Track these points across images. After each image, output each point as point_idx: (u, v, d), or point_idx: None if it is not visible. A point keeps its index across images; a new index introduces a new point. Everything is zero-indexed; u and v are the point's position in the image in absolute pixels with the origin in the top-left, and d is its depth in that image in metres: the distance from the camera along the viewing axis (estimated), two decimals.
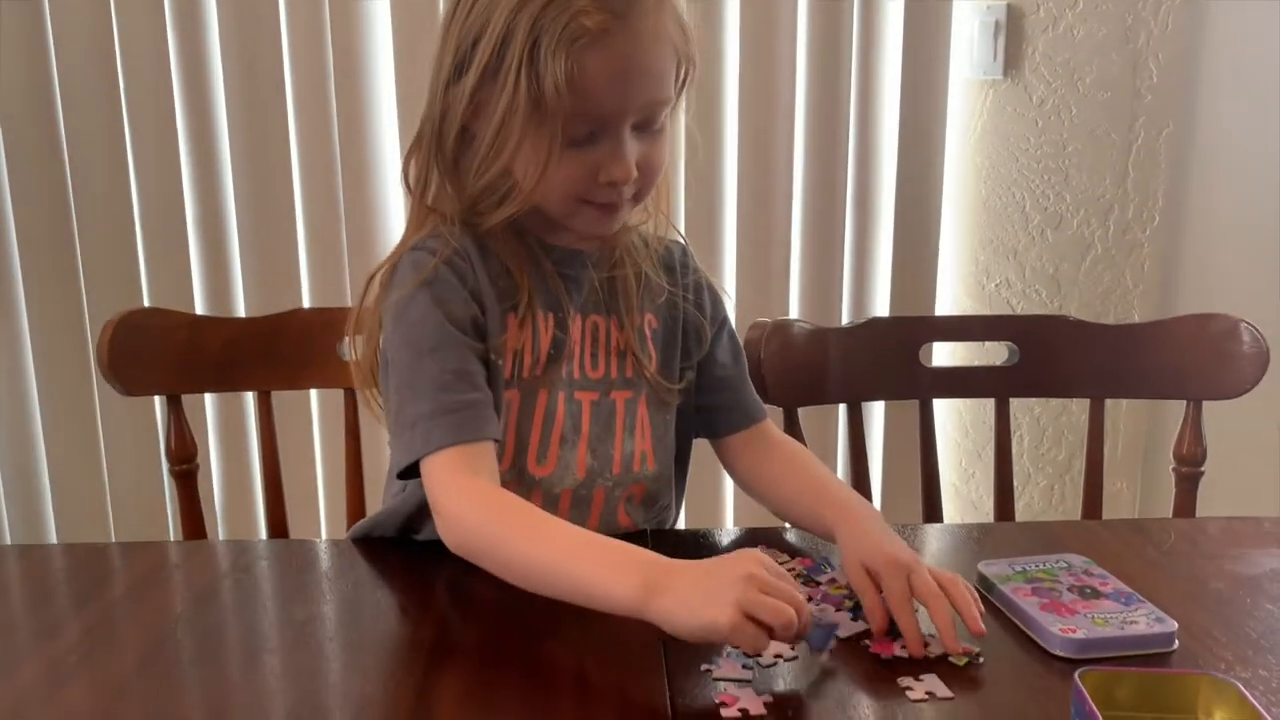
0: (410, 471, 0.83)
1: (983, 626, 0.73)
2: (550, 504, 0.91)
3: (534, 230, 0.93)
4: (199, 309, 1.76)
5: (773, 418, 1.19)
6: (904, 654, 0.72)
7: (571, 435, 0.92)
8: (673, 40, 0.85)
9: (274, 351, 1.19)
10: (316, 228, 1.75)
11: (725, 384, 1.01)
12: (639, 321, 0.96)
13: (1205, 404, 1.17)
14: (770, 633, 0.66)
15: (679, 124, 0.95)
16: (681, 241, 1.03)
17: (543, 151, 0.82)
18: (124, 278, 1.75)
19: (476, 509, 0.80)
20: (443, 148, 0.88)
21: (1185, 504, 1.17)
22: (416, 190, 0.91)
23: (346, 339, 0.94)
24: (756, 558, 0.70)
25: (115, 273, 1.75)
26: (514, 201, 0.86)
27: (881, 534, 0.83)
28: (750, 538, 0.95)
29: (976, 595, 0.76)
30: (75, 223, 1.73)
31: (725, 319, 1.03)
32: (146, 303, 1.74)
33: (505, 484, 0.85)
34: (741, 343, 1.07)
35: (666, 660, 0.72)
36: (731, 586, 0.67)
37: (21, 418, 1.80)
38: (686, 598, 0.68)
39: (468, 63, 0.83)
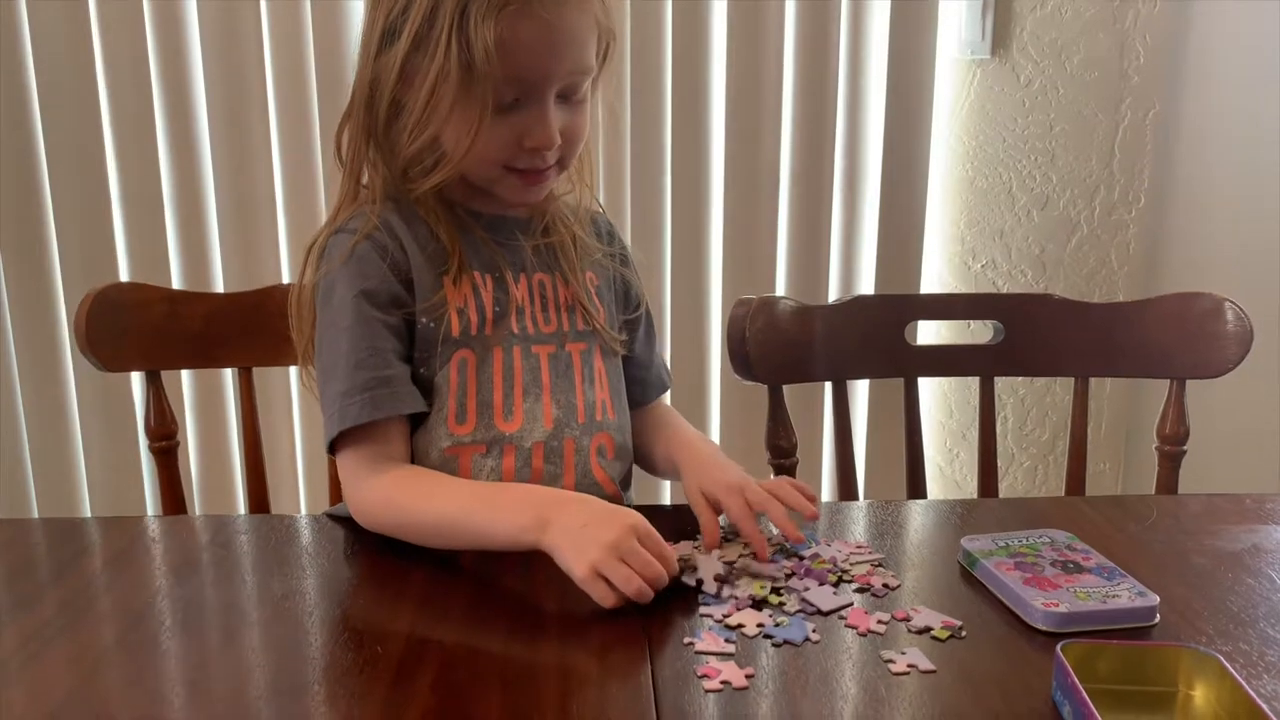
0: (336, 448, 0.89)
1: (815, 510, 0.84)
2: (524, 461, 0.92)
3: (460, 200, 0.95)
4: (176, 284, 1.74)
5: (757, 395, 1.20)
6: (881, 629, 0.73)
7: (533, 387, 0.94)
8: (594, 12, 0.88)
9: (254, 327, 1.18)
10: (297, 203, 1.74)
11: (640, 360, 1.06)
12: (582, 278, 0.99)
13: (1189, 383, 1.18)
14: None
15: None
16: (603, 212, 1.08)
17: (473, 117, 0.85)
18: (99, 252, 1.73)
19: (377, 486, 0.86)
20: (374, 117, 0.91)
21: (1168, 482, 1.18)
22: (348, 162, 0.93)
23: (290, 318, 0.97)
24: (628, 524, 0.75)
25: (90, 247, 1.73)
26: (444, 168, 0.89)
27: (717, 464, 0.91)
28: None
29: (807, 487, 0.86)
30: (49, 195, 1.71)
31: (643, 295, 1.08)
32: (124, 278, 1.72)
33: (476, 444, 0.90)
34: (727, 320, 1.11)
35: (649, 634, 0.72)
36: (595, 546, 0.74)
37: None
38: (562, 540, 0.76)
39: (397, 31, 0.86)
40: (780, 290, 1.84)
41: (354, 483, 0.88)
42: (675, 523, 0.89)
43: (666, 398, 1.11)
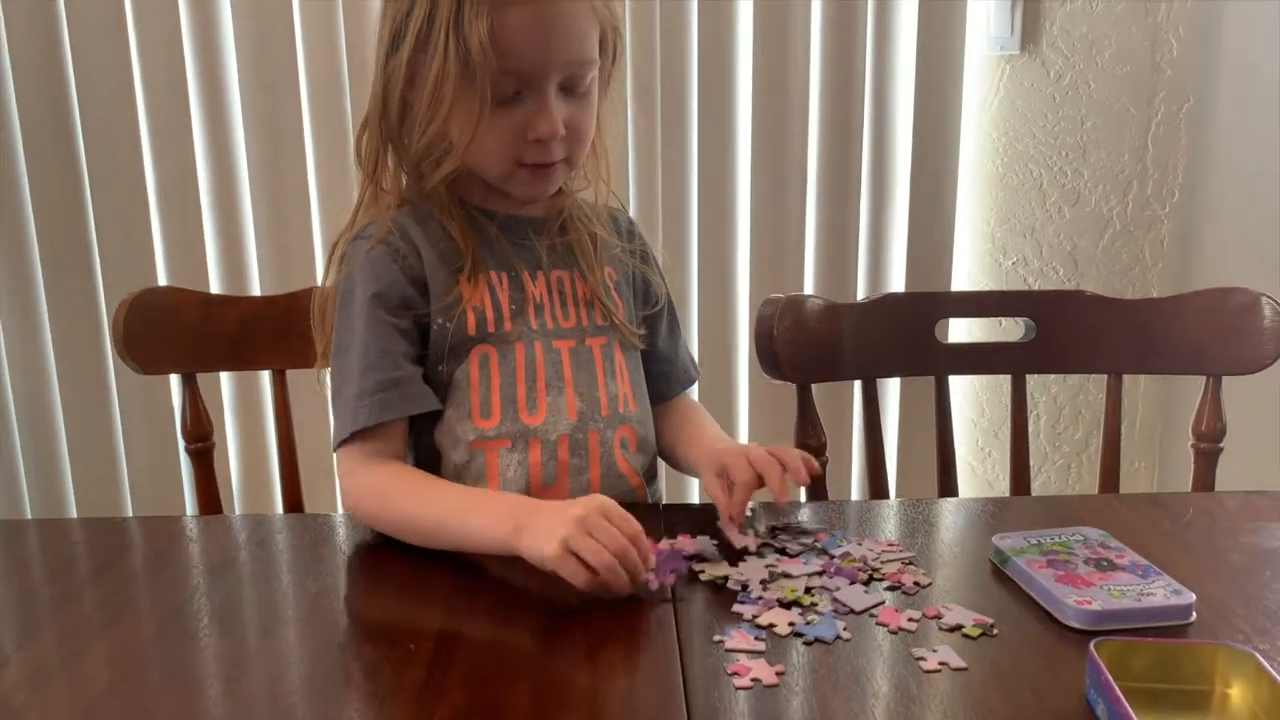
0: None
1: (805, 477, 0.86)
2: (549, 454, 0.93)
3: (474, 199, 0.97)
4: (214, 288, 1.76)
5: (786, 394, 1.20)
6: (912, 627, 0.72)
7: (556, 381, 0.95)
8: (592, 2, 0.90)
9: (288, 330, 1.19)
10: (330, 206, 1.75)
11: (663, 355, 1.07)
12: (600, 274, 1.00)
13: (1225, 379, 1.16)
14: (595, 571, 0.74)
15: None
16: (626, 212, 1.08)
17: (474, 111, 0.87)
18: (139, 257, 1.76)
19: (371, 481, 0.88)
20: (387, 118, 0.93)
21: (1204, 480, 1.16)
22: (368, 167, 0.95)
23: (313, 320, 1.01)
24: (597, 505, 0.76)
25: (131, 252, 1.76)
26: (452, 159, 0.91)
27: (724, 443, 0.97)
28: (765, 513, 0.95)
29: (810, 458, 0.88)
30: (90, 202, 1.74)
31: (667, 292, 1.08)
32: (162, 282, 1.75)
33: (501, 439, 0.92)
34: (755, 319, 1.11)
35: (679, 632, 0.72)
36: (564, 525, 0.75)
37: (40, 395, 1.82)
38: (536, 535, 0.76)
39: (403, 33, 0.89)
40: (809, 288, 1.84)
41: (350, 475, 0.90)
42: (702, 519, 0.90)
43: (694, 392, 1.11)
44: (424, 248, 0.93)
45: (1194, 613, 0.73)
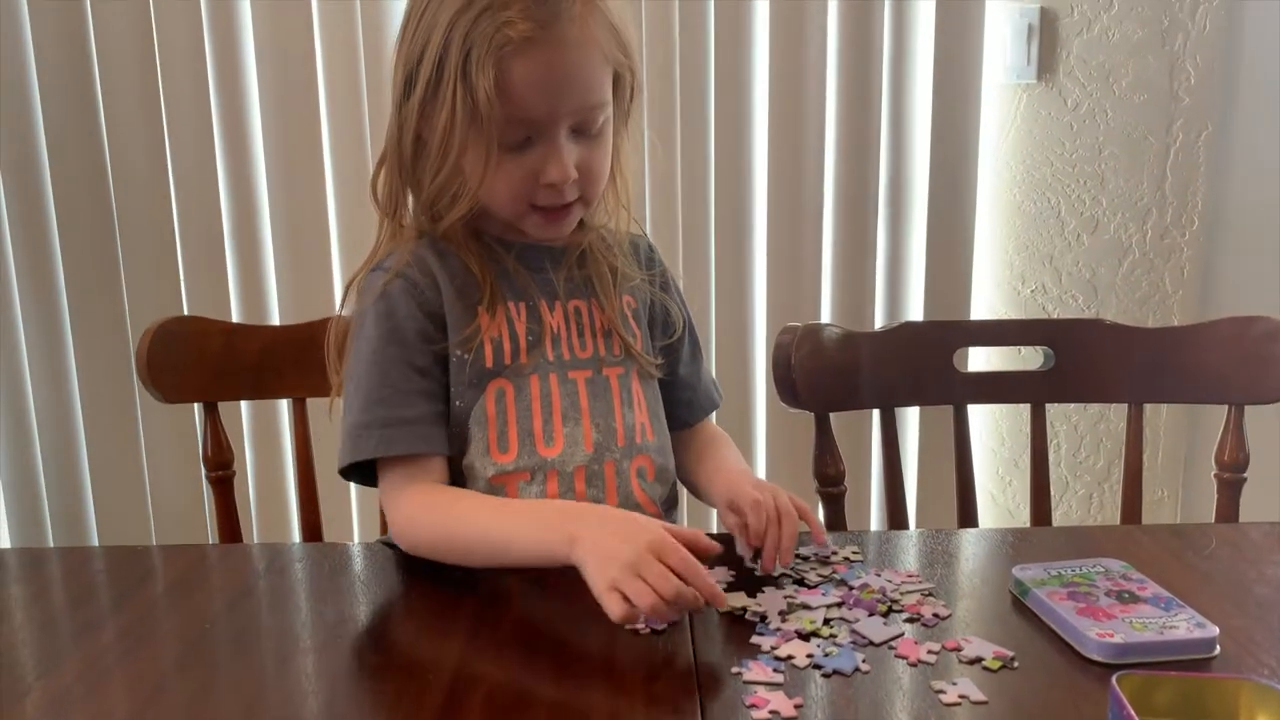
0: (347, 474, 0.93)
1: (787, 559, 0.85)
2: (567, 486, 0.93)
3: (493, 231, 0.97)
4: (235, 317, 1.78)
5: (804, 422, 1.19)
6: (932, 659, 0.72)
7: (572, 412, 0.95)
8: (602, 47, 0.89)
9: (308, 359, 1.20)
10: (350, 237, 1.77)
11: (686, 382, 1.07)
12: (618, 304, 1.00)
13: (1247, 408, 1.15)
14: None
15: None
16: (647, 237, 1.08)
17: (482, 157, 0.88)
18: (164, 286, 1.78)
19: (409, 501, 0.89)
20: (402, 160, 0.94)
21: (1227, 511, 1.15)
22: (386, 206, 0.96)
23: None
24: (646, 541, 0.74)
25: (156, 281, 1.78)
26: (464, 203, 0.92)
27: (747, 478, 0.94)
28: None
29: (819, 523, 0.88)
30: (118, 233, 1.77)
31: (688, 317, 1.08)
32: (186, 311, 1.77)
33: (520, 472, 0.92)
34: (772, 347, 1.10)
35: (696, 663, 0.72)
36: (615, 563, 0.74)
37: (64, 423, 1.84)
38: (588, 554, 0.76)
39: (415, 79, 0.89)
40: (826, 316, 1.84)
41: (389, 499, 0.91)
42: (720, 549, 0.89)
43: (714, 417, 1.11)
44: (442, 280, 0.94)
45: (1218, 646, 0.72)
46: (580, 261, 1.00)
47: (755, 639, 0.75)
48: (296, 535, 1.80)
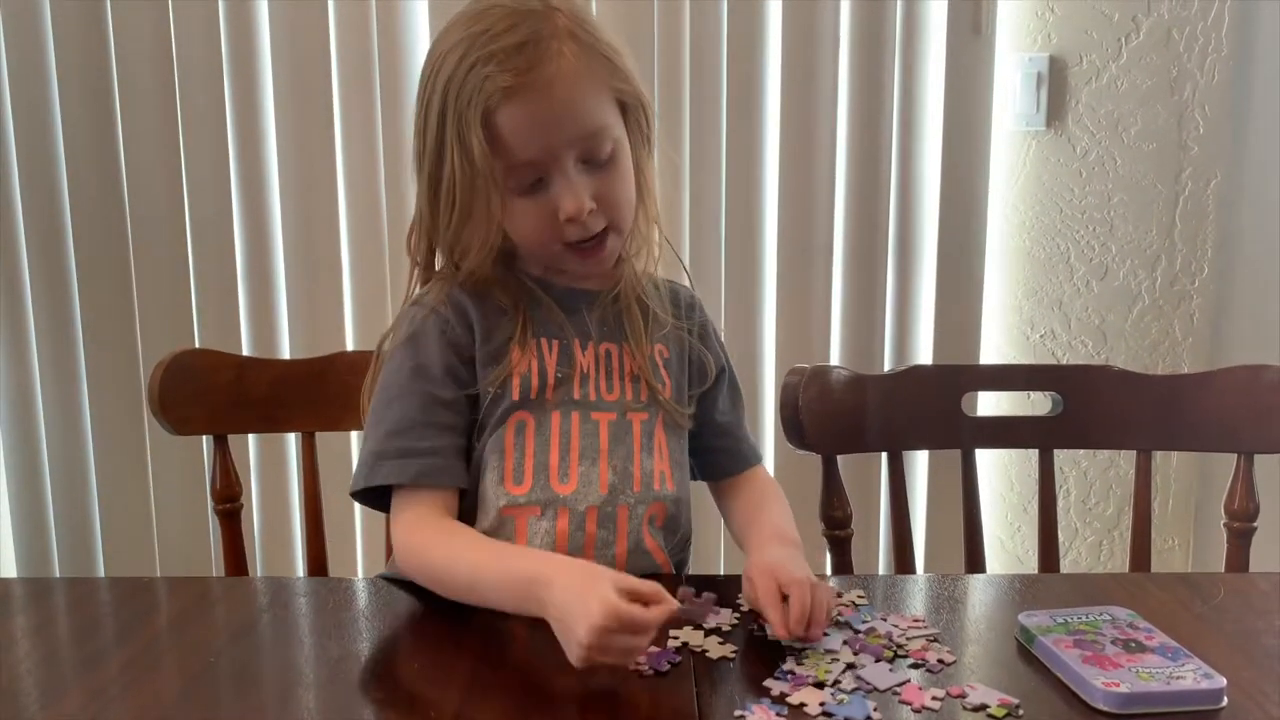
0: (360, 498, 0.94)
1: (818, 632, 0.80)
2: (577, 525, 0.93)
3: (535, 272, 0.99)
4: (246, 351, 1.79)
5: (811, 464, 1.19)
6: (936, 706, 0.71)
7: (590, 451, 0.95)
8: (595, 76, 0.90)
9: (318, 394, 1.21)
10: (361, 272, 1.79)
11: (725, 429, 1.05)
12: (650, 350, 1.00)
13: (1257, 457, 1.15)
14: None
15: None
16: (690, 289, 1.09)
17: (495, 210, 0.90)
18: (177, 320, 1.80)
19: (412, 532, 0.90)
20: (421, 220, 0.96)
21: (1237, 560, 1.14)
22: (421, 261, 0.98)
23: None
24: (594, 625, 0.71)
25: (169, 315, 1.80)
26: (475, 255, 0.94)
27: (781, 548, 0.90)
28: None
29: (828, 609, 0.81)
30: (133, 266, 1.79)
31: (727, 366, 1.07)
32: (198, 344, 1.78)
33: (531, 505, 0.92)
34: (780, 388, 1.09)
35: (699, 706, 0.71)
36: (575, 646, 0.73)
37: (75, 453, 1.85)
38: (554, 623, 0.76)
39: (423, 148, 0.92)
40: (834, 360, 1.84)
41: (395, 525, 0.92)
42: (727, 592, 0.89)
43: (767, 468, 1.10)
44: (476, 317, 0.95)
45: (1225, 697, 0.71)
46: (614, 300, 1.00)
47: (768, 683, 0.74)
48: (301, 569, 1.80)
